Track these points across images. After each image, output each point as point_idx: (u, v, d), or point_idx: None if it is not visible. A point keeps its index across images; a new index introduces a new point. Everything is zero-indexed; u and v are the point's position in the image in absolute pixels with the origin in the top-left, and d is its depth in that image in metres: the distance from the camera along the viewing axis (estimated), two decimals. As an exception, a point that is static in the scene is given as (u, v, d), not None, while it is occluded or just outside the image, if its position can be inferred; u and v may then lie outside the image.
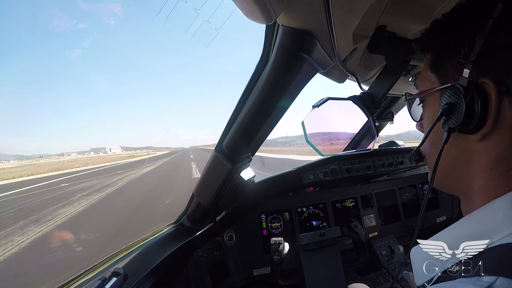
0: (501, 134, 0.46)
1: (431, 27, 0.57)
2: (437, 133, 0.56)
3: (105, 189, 13.97)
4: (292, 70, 0.82)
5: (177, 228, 1.50)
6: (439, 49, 0.55)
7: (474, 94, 0.46)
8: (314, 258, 1.57)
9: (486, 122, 0.46)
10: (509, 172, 0.46)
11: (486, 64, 0.46)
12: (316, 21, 0.67)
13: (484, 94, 0.45)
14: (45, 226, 7.77)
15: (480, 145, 0.49)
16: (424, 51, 0.59)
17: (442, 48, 0.54)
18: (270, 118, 1.01)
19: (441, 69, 0.54)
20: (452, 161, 0.54)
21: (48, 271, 4.87)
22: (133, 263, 1.20)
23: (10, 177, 31.69)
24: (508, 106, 0.44)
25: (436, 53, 0.56)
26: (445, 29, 0.54)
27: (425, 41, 0.59)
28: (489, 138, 0.47)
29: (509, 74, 0.44)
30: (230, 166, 1.14)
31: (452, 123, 0.49)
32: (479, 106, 0.46)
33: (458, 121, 0.48)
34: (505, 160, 0.46)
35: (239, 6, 0.64)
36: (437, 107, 0.54)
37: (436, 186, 0.60)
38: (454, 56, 0.50)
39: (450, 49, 0.52)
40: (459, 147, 0.52)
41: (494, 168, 0.48)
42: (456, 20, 0.53)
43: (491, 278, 0.38)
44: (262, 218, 1.81)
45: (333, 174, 1.86)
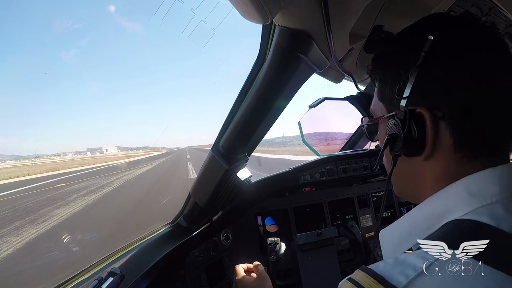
0: (442, 153, 0.52)
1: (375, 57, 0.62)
2: (389, 155, 0.60)
3: (101, 189, 13.92)
4: (289, 70, 0.82)
5: (173, 228, 1.49)
6: (382, 81, 0.59)
7: (411, 124, 0.51)
8: (310, 258, 1.57)
9: (426, 146, 0.51)
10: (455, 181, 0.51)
11: (421, 95, 0.51)
12: (313, 21, 0.67)
13: (422, 122, 0.51)
14: (41, 227, 7.73)
15: (425, 164, 0.54)
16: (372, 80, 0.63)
17: (383, 80, 0.59)
18: (266, 118, 1.01)
19: (386, 99, 0.59)
20: (405, 177, 0.61)
21: (44, 272, 4.84)
22: (129, 263, 1.19)
23: (6, 177, 31.49)
24: (445, 129, 0.50)
25: (381, 83, 0.60)
26: (383, 63, 0.59)
27: (370, 71, 0.62)
28: (432, 158, 0.53)
29: (444, 101, 0.49)
30: (226, 166, 1.14)
31: (395, 150, 0.56)
32: (416, 133, 0.51)
33: (399, 149, 0.55)
34: (449, 174, 0.52)
35: (235, 6, 0.64)
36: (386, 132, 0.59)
37: (398, 194, 0.68)
38: (394, 86, 0.54)
39: (389, 82, 0.56)
40: (408, 166, 0.58)
41: (440, 181, 0.53)
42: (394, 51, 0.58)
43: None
44: (258, 218, 1.80)
45: (330, 174, 1.86)
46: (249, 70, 0.95)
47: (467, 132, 0.50)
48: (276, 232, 1.82)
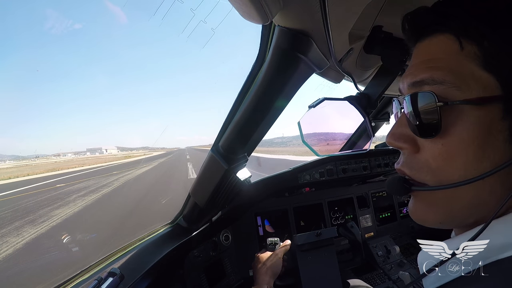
0: None
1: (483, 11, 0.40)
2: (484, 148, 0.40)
3: (101, 189, 13.91)
4: (288, 70, 0.82)
5: (173, 228, 1.49)
6: (503, 40, 0.38)
7: None
8: (310, 258, 1.57)
9: None
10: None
11: None
12: (312, 21, 0.67)
13: None
14: (41, 227, 7.72)
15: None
16: (464, 36, 0.41)
17: (509, 39, 0.38)
18: (266, 118, 1.01)
19: (507, 70, 0.38)
20: (498, 193, 0.41)
21: (43, 272, 4.84)
22: (129, 263, 1.19)
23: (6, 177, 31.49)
24: None
25: (495, 44, 0.39)
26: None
27: (468, 20, 0.41)
28: None
29: None
30: (226, 166, 1.14)
31: None
32: None
33: None
34: None
35: (235, 6, 0.64)
36: (493, 125, 0.39)
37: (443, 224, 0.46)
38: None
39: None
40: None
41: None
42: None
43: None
44: (258, 218, 1.80)
45: (329, 175, 1.86)
46: (249, 70, 0.95)
47: None
48: (276, 232, 1.82)
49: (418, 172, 0.46)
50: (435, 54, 0.44)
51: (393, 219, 2.22)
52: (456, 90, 0.40)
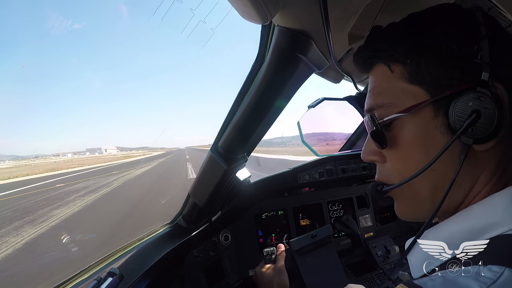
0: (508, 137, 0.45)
1: (390, 33, 0.52)
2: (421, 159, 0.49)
3: (100, 189, 13.90)
4: (288, 70, 0.82)
5: (172, 229, 1.49)
6: (418, 57, 0.48)
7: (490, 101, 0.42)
8: (310, 260, 1.57)
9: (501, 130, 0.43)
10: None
11: (493, 68, 0.42)
12: (312, 21, 0.67)
13: (498, 100, 0.43)
14: (40, 227, 7.72)
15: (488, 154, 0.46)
16: (390, 62, 0.51)
17: (423, 54, 0.47)
18: (265, 118, 1.01)
19: (428, 79, 0.47)
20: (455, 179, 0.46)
21: (43, 272, 4.83)
22: (128, 263, 1.19)
23: (6, 177, 31.47)
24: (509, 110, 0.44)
25: (414, 62, 0.48)
26: (422, 32, 0.48)
27: (390, 50, 0.51)
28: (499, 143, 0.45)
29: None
30: (225, 166, 1.14)
31: (479, 132, 0.43)
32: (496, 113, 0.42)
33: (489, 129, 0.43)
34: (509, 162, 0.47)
35: (234, 6, 0.64)
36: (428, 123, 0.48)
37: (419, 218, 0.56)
38: (446, 61, 0.45)
39: (438, 54, 0.46)
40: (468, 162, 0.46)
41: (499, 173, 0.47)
42: (435, 20, 0.48)
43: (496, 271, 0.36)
44: (257, 218, 1.80)
45: (329, 175, 1.86)
46: (248, 70, 0.95)
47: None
48: (276, 232, 1.82)
49: (389, 177, 0.56)
50: (376, 82, 0.55)
51: (393, 219, 2.22)
52: (393, 107, 0.51)
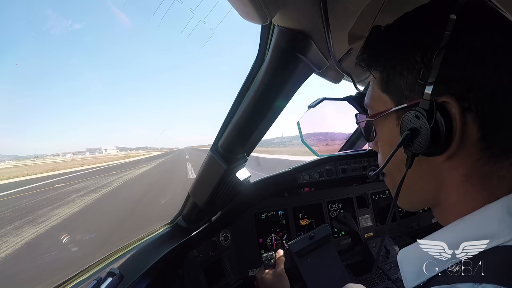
0: (466, 151, 0.45)
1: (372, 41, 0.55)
2: (397, 156, 0.51)
3: (100, 189, 13.90)
4: (288, 70, 0.82)
5: (172, 228, 1.49)
6: (389, 67, 0.51)
7: (437, 116, 0.43)
8: (309, 260, 1.56)
9: (452, 143, 0.44)
10: (483, 182, 0.45)
11: (442, 83, 0.43)
12: (312, 21, 0.67)
13: (447, 114, 0.43)
14: (40, 227, 7.71)
15: (446, 164, 0.47)
16: (371, 69, 0.56)
17: (392, 65, 0.50)
18: (265, 118, 1.01)
19: (394, 89, 0.50)
20: (418, 181, 0.52)
21: (43, 272, 4.83)
22: (128, 263, 1.19)
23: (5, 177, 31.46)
24: (472, 122, 0.43)
25: (386, 71, 0.51)
26: (394, 43, 0.50)
27: (370, 57, 0.55)
28: (455, 157, 0.45)
29: (469, 89, 0.42)
30: (225, 166, 1.14)
31: (416, 148, 0.47)
32: (444, 128, 0.43)
33: (424, 146, 0.45)
34: (475, 173, 0.45)
35: (234, 6, 0.65)
36: (394, 128, 0.52)
37: (403, 206, 0.60)
38: (408, 74, 0.47)
39: (403, 66, 0.48)
40: (424, 168, 0.50)
41: (465, 181, 0.46)
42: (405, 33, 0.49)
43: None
44: (257, 218, 1.80)
45: (329, 175, 1.86)
46: (248, 70, 0.95)
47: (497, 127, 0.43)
48: (275, 232, 1.82)
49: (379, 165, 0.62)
50: (370, 84, 0.59)
51: (393, 219, 2.22)
52: (372, 110, 0.59)
